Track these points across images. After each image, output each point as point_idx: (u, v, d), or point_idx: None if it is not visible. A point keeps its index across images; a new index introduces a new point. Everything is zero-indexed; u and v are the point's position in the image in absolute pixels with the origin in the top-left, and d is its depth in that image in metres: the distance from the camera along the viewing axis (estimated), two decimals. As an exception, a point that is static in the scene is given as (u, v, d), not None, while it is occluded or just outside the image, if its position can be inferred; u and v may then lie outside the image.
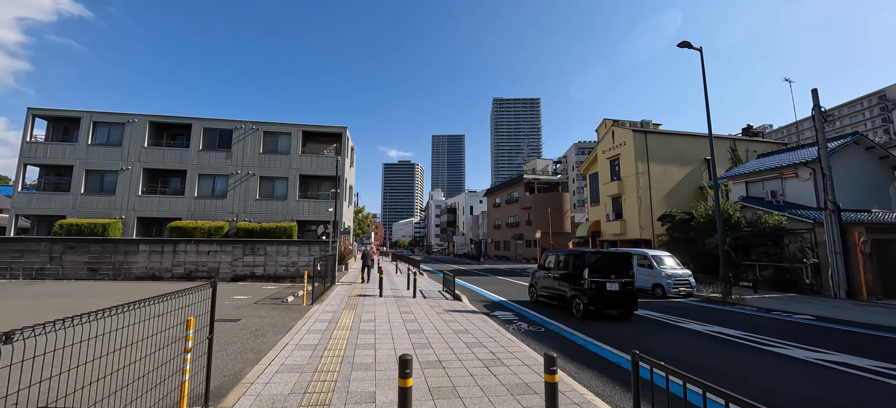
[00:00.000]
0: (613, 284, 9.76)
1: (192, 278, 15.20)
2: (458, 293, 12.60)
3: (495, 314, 10.14)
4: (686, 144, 28.75)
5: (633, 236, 27.25)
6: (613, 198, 29.66)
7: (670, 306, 12.45)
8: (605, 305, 9.67)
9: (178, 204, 22.98)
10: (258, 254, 15.42)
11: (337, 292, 13.11)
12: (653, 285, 15.14)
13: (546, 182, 45.84)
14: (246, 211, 23.43)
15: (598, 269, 9.89)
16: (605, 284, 9.73)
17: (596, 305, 9.61)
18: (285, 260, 15.49)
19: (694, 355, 6.80)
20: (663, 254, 16.08)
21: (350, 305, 10.45)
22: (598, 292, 9.64)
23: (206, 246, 15.11)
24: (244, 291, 12.45)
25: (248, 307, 9.43)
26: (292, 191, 24.10)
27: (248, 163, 23.91)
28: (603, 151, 31.19)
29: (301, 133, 24.83)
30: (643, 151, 27.55)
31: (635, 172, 27.27)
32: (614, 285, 9.76)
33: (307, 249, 15.73)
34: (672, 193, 27.49)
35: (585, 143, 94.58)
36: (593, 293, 9.63)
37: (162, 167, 23.34)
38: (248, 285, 13.88)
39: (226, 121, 24.22)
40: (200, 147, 23.79)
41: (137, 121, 23.36)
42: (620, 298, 9.76)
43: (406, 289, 14.51)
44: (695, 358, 6.56)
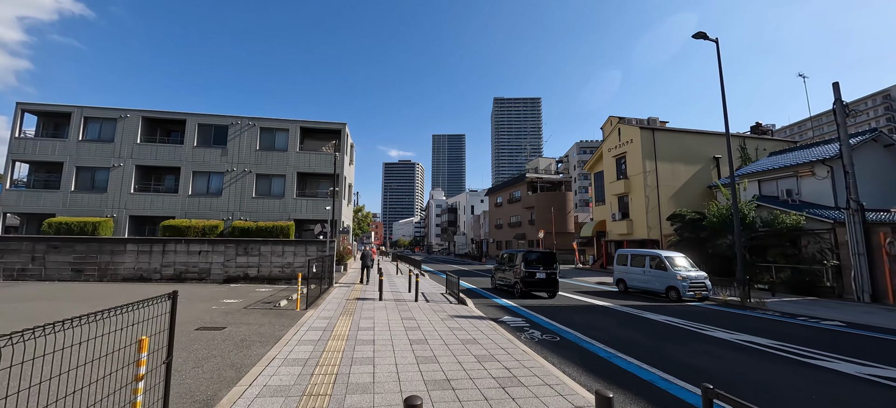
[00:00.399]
0: (541, 274, 13.44)
1: (181, 280, 14.48)
2: (463, 296, 11.88)
3: (504, 321, 9.42)
4: (694, 141, 28.02)
5: (640, 236, 26.52)
6: (619, 197, 28.92)
7: (687, 311, 11.72)
8: (535, 288, 13.37)
9: (172, 202, 22.26)
10: (252, 254, 14.68)
11: (334, 295, 12.39)
12: (666, 288, 14.41)
13: (549, 181, 45.06)
14: (242, 209, 22.72)
15: (530, 263, 13.54)
16: (535, 273, 13.41)
17: (528, 288, 13.33)
18: (280, 261, 14.76)
19: (731, 369, 6.07)
20: (676, 255, 15.34)
21: (347, 309, 9.72)
22: (529, 279, 13.26)
23: (196, 246, 14.36)
24: (235, 294, 11.73)
25: (236, 313, 8.71)
26: (290, 189, 23.39)
27: (244, 160, 23.19)
28: (608, 149, 30.45)
29: (299, 129, 24.11)
30: (651, 148, 26.81)
31: (643, 170, 26.53)
32: (542, 274, 13.44)
33: (304, 250, 15.00)
34: (680, 192, 26.76)
35: (587, 142, 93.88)
36: (527, 279, 13.26)
37: (155, 164, 22.62)
38: (240, 288, 13.15)
39: (221, 117, 23.50)
40: (195, 143, 23.07)
41: (130, 116, 22.64)
42: (546, 284, 13.41)
43: (407, 292, 13.79)
44: (733, 374, 5.84)
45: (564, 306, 12.29)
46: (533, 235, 42.77)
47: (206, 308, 9.22)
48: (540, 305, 12.31)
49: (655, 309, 11.93)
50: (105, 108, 22.63)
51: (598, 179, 33.06)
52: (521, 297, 13.19)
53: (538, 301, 13.07)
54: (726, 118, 15.17)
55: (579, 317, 10.27)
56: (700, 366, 6.16)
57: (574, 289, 17.23)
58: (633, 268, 16.13)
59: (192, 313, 8.56)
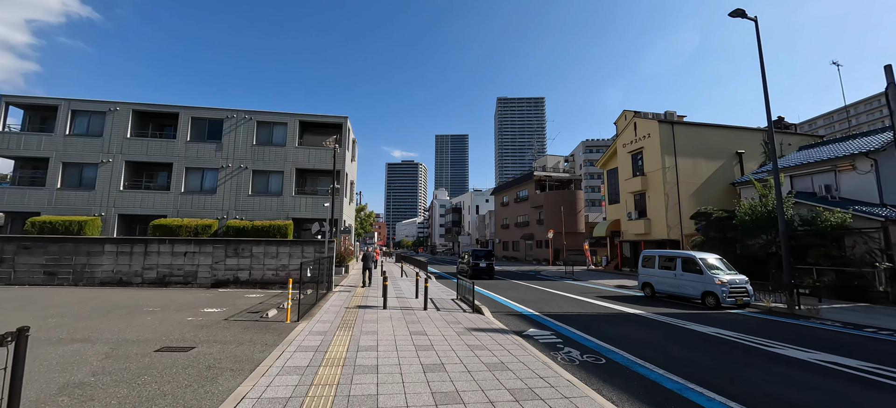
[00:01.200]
0: (483, 263, 21.09)
1: (165, 284, 13.16)
2: (478, 304, 10.48)
3: (530, 335, 8.01)
4: (716, 136, 26.48)
5: (659, 236, 25.00)
6: (636, 195, 27.40)
7: (734, 321, 10.26)
8: (479, 273, 20.27)
9: (163, 200, 21.02)
10: (243, 255, 13.35)
11: (333, 302, 11.03)
12: (702, 294, 12.93)
13: (558, 179, 43.52)
14: (237, 208, 21.44)
15: (477, 257, 21.43)
16: (479, 263, 21.00)
17: (475, 273, 20.01)
18: (274, 263, 13.41)
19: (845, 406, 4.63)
20: (710, 256, 13.85)
21: (347, 321, 8.34)
22: (476, 267, 20.60)
23: (182, 246, 13.02)
24: (220, 302, 10.37)
25: (213, 327, 7.35)
26: (288, 186, 22.09)
27: (239, 155, 21.92)
28: (623, 145, 28.94)
29: (298, 123, 22.81)
30: (670, 143, 25.29)
31: (661, 166, 25.01)
32: (483, 264, 21.01)
33: (300, 251, 13.65)
34: (701, 189, 25.23)
35: (594, 141, 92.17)
36: (475, 267, 20.60)
37: (146, 160, 21.38)
38: (228, 293, 11.81)
39: (216, 109, 22.24)
40: (188, 138, 21.82)
41: (120, 109, 21.43)
42: (486, 271, 20.72)
43: (414, 297, 12.41)
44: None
45: (593, 314, 10.86)
46: (542, 236, 41.28)
47: (181, 320, 7.88)
48: (565, 313, 10.90)
49: (696, 318, 10.47)
50: (93, 100, 21.43)
51: (612, 177, 31.54)
52: (471, 276, 19.11)
53: (562, 309, 11.66)
54: (768, 103, 13.68)
55: (615, 329, 8.85)
56: (805, 401, 4.73)
57: (595, 293, 15.78)
58: (662, 271, 14.66)
59: (161, 326, 7.24)
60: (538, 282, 20.55)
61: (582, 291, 16.71)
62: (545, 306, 12.07)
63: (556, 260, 37.65)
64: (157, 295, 11.07)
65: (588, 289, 17.48)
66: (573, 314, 10.72)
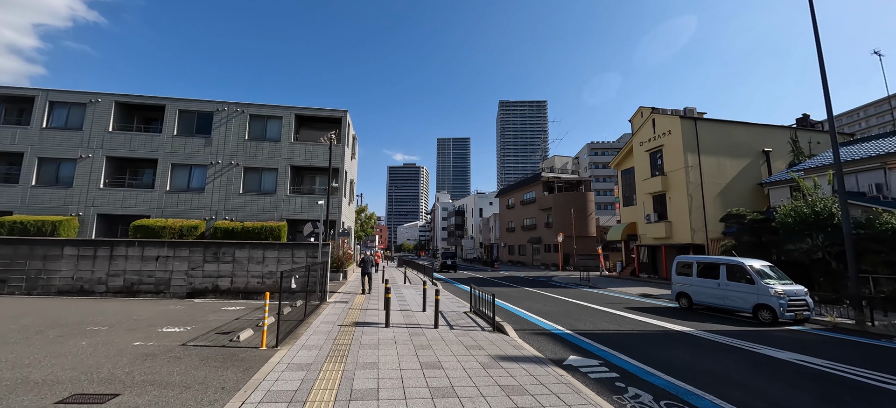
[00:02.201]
0: (449, 262, 33.14)
1: (133, 293, 11.41)
2: (500, 322, 8.74)
3: (574, 366, 6.27)
4: (741, 133, 24.75)
5: (681, 241, 23.21)
6: (655, 196, 25.64)
7: (805, 342, 8.50)
8: (448, 269, 32.55)
9: (147, 199, 19.39)
10: (224, 260, 11.60)
11: (325, 317, 9.31)
12: (755, 307, 11.17)
13: (567, 181, 41.76)
14: (227, 208, 19.78)
15: (445, 257, 33.99)
16: (446, 262, 32.96)
17: (443, 267, 32.35)
18: (260, 269, 11.66)
19: None
20: (759, 263, 12.09)
21: (339, 346, 6.63)
22: (444, 264, 32.57)
23: (153, 250, 11.25)
24: (188, 317, 8.53)
25: (161, 357, 5.55)
26: (283, 184, 20.43)
27: (230, 151, 20.28)
28: (640, 143, 27.21)
29: (294, 117, 21.18)
30: (693, 141, 23.56)
31: (684, 165, 23.27)
32: (449, 262, 33.10)
33: (290, 255, 11.91)
34: (726, 190, 23.49)
35: (599, 143, 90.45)
36: (443, 264, 32.57)
37: (129, 155, 19.76)
38: (202, 305, 10.06)
39: (205, 102, 20.64)
40: (175, 132, 20.20)
41: (101, 101, 19.85)
42: (452, 267, 32.98)
43: (421, 310, 10.69)
44: None
45: (635, 333, 9.11)
46: (550, 239, 39.48)
47: (124, 346, 6.14)
48: (601, 332, 9.15)
49: (760, 338, 8.72)
50: (73, 91, 19.86)
51: (627, 177, 29.79)
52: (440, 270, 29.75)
53: (596, 326, 9.92)
54: (825, 82, 11.94)
55: (674, 355, 7.10)
56: None
57: (622, 304, 14.00)
58: (702, 280, 12.90)
59: (92, 357, 5.50)
60: (553, 290, 18.79)
61: (605, 301, 14.95)
62: (575, 322, 10.31)
63: (566, 265, 35.84)
64: (117, 307, 9.37)
65: (611, 298, 15.72)
66: (612, 333, 8.97)
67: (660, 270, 25.39)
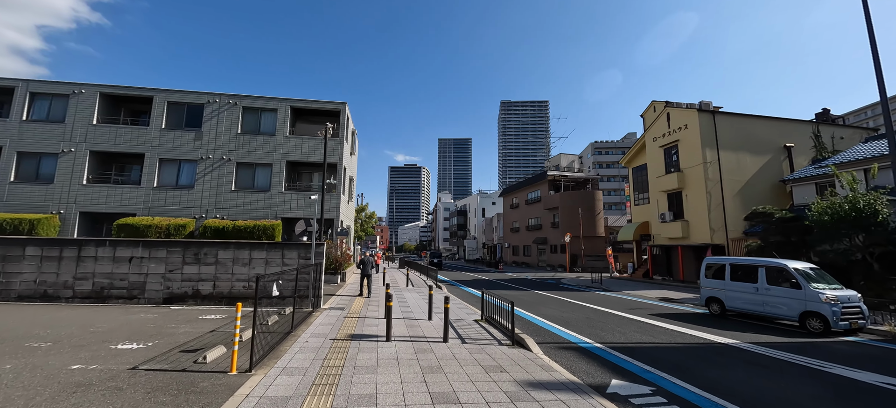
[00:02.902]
0: (436, 260, 38.02)
1: (103, 298, 10.16)
2: (521, 335, 7.51)
3: (619, 393, 5.06)
4: (761, 128, 23.50)
5: (699, 241, 21.94)
6: (670, 194, 24.38)
7: (871, 357, 7.28)
8: (435, 266, 26.98)
9: (133, 196, 18.23)
10: (206, 262, 10.37)
11: (317, 328, 8.10)
12: (802, 315, 9.92)
13: (574, 179, 40.48)
14: (218, 206, 18.61)
15: (433, 256, 42.68)
16: (434, 260, 37.82)
17: (431, 264, 30.30)
18: (246, 272, 10.44)
19: None
20: (803, 265, 10.84)
21: (329, 369, 5.41)
22: (431, 262, 34.78)
23: (126, 250, 10.00)
24: (152, 330, 7.15)
25: (97, 386, 4.26)
26: (277, 181, 19.25)
27: (222, 145, 19.12)
28: (653, 139, 25.95)
29: (289, 110, 20.00)
30: (711, 136, 22.31)
31: (702, 161, 22.01)
32: (436, 260, 37.67)
33: (280, 256, 10.68)
34: (746, 188, 22.22)
35: (603, 142, 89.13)
36: (431, 262, 35.00)
37: (114, 150, 18.61)
38: (177, 314, 8.76)
39: (195, 93, 19.48)
40: (163, 125, 19.05)
41: (86, 92, 18.70)
42: (438, 265, 35.05)
43: (427, 319, 9.46)
44: None
45: (674, 346, 7.87)
46: (556, 239, 38.22)
47: (60, 369, 4.88)
48: (635, 345, 7.93)
49: (819, 352, 7.49)
50: (55, 82, 18.72)
51: (639, 175, 28.52)
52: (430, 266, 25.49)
53: (627, 337, 8.69)
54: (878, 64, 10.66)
55: (736, 377, 5.88)
56: None
57: (645, 310, 12.74)
58: (737, 283, 11.65)
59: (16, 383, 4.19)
60: (565, 293, 17.55)
61: (625, 306, 13.71)
62: (602, 332, 9.08)
63: (574, 266, 34.57)
64: (77, 317, 8.13)
65: (631, 303, 14.47)
66: (649, 347, 7.74)
67: (675, 271, 24.13)
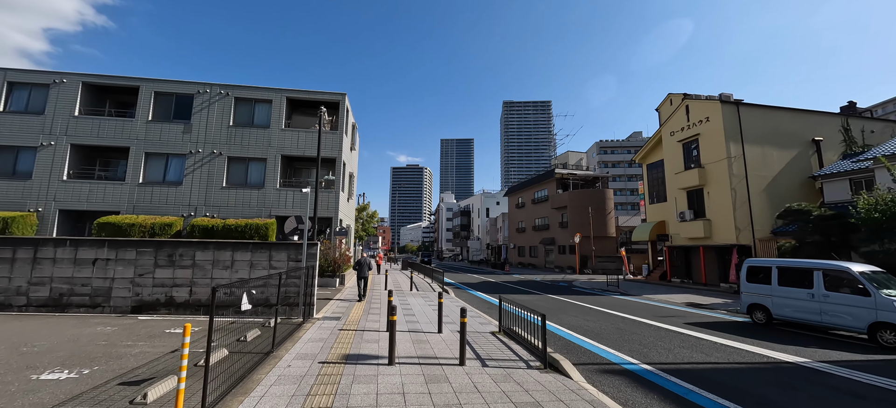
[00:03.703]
0: (426, 258, 52.07)
1: (63, 306, 8.85)
2: (555, 357, 6.15)
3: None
4: (787, 121, 22.04)
5: (723, 241, 20.48)
6: (690, 191, 22.93)
7: None
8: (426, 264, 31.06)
9: (117, 193, 16.99)
10: (181, 264, 9.05)
11: (304, 346, 6.77)
12: (871, 325, 8.52)
13: (582, 177, 39.02)
14: (208, 203, 17.34)
15: (424, 256, 59.31)
16: (425, 259, 47.54)
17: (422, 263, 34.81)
18: (227, 276, 9.10)
19: None
20: (871, 268, 9.41)
21: None
22: (423, 260, 43.07)
23: (89, 250, 8.68)
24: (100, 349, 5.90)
25: None
26: (272, 177, 17.96)
27: (213, 139, 17.85)
28: (671, 133, 24.51)
29: (285, 101, 18.71)
30: (735, 129, 20.87)
31: (726, 156, 20.56)
32: (426, 259, 49.20)
33: (268, 257, 9.32)
34: (773, 184, 20.77)
35: (608, 141, 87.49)
36: (422, 260, 42.89)
37: (97, 143, 17.37)
38: (143, 325, 7.41)
39: (184, 83, 18.22)
40: (150, 117, 17.80)
41: (68, 81, 17.48)
42: (428, 263, 38.16)
43: (436, 332, 8.10)
44: None
45: (733, 366, 6.49)
46: (565, 240, 36.78)
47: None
48: (689, 365, 6.56)
49: (852, 365, 6.07)
50: (34, 70, 17.51)
51: (655, 172, 27.08)
52: None
53: (674, 354, 7.31)
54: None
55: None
56: None
57: (674, 317, 11.32)
58: (787, 289, 10.24)
59: None
60: (582, 297, 16.16)
61: (653, 313, 12.31)
62: (640, 347, 7.70)
63: (584, 268, 33.13)
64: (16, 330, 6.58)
65: (658, 310, 13.06)
66: (705, 368, 6.36)
67: (695, 273, 22.68)
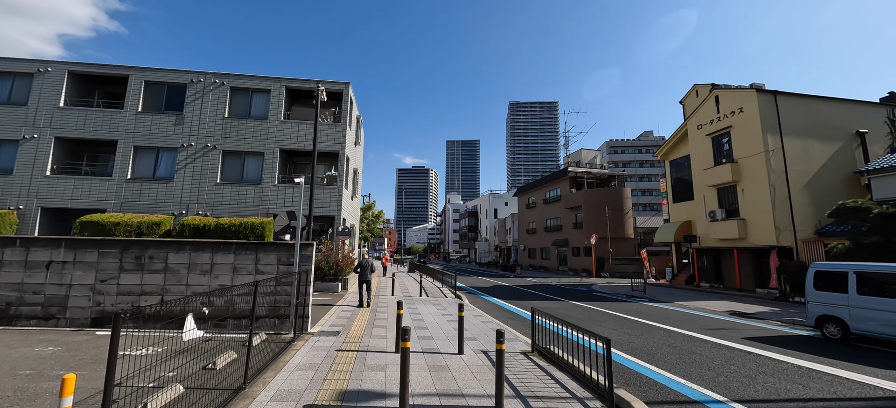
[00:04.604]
0: (423, 260, 61.69)
1: (10, 319, 7.47)
2: (621, 395, 4.62)
3: None
4: (828, 111, 20.24)
5: (761, 242, 18.71)
6: (721, 188, 21.18)
7: None
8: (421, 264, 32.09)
9: (104, 189, 15.77)
10: (151, 268, 7.58)
11: (288, 377, 5.34)
12: None
13: (597, 176, 37.32)
14: (201, 200, 16.05)
15: (419, 257, 70.51)
16: (421, 260, 55.37)
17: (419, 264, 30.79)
18: (206, 282, 7.67)
19: None
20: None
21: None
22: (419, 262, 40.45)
23: (43, 251, 7.28)
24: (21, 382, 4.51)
25: None
26: (270, 172, 16.65)
27: (206, 131, 16.58)
28: (698, 126, 22.78)
29: (284, 91, 17.39)
30: (773, 120, 19.13)
31: (763, 149, 18.82)
32: (423, 260, 61.01)
33: (254, 259, 7.84)
34: (815, 180, 18.99)
35: (619, 141, 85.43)
36: (419, 262, 37.38)
37: (83, 136, 16.18)
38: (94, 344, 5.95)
39: (177, 71, 16.99)
40: (139, 108, 16.58)
41: (52, 70, 16.33)
42: (423, 263, 41.08)
43: (457, 352, 6.60)
44: None
45: (847, 400, 4.88)
46: (579, 241, 35.08)
47: None
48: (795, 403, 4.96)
49: None
50: (17, 58, 16.38)
51: (679, 169, 25.34)
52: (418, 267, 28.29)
53: (766, 389, 5.73)
54: None
55: None
56: None
57: (725, 330, 9.69)
58: (872, 299, 8.57)
59: None
60: (607, 304, 14.54)
61: (697, 324, 10.68)
62: (711, 373, 6.13)
63: (601, 271, 31.40)
64: None
65: (700, 320, 11.42)
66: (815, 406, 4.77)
67: (727, 277, 20.92)
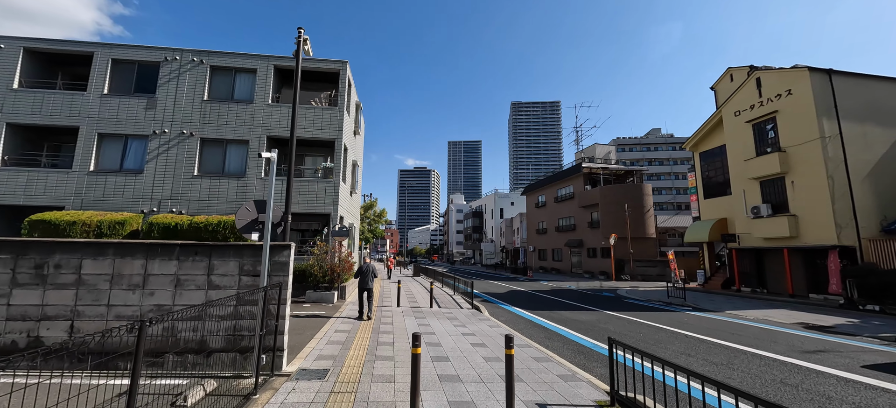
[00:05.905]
0: (420, 262, 49.81)
1: None
2: None
3: None
4: (887, 94, 17.95)
5: (816, 241, 16.39)
6: (765, 181, 18.86)
7: None
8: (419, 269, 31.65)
9: (63, 184, 13.62)
10: (57, 281, 5.34)
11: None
12: None
13: (615, 172, 35.04)
14: (175, 195, 13.87)
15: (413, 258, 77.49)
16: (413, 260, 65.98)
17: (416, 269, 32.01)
18: (137, 301, 5.42)
19: None
20: None
21: None
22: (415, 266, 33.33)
23: None
24: None
25: None
26: (255, 163, 14.47)
27: (183, 116, 14.42)
28: (736, 113, 20.48)
29: (273, 70, 15.23)
30: (829, 102, 16.85)
31: (819, 135, 16.53)
32: (415, 261, 60.26)
33: (206, 269, 5.58)
34: (877, 170, 16.71)
35: (627, 138, 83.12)
36: (415, 267, 32.98)
37: (39, 122, 14.04)
38: None
39: (149, 48, 14.85)
40: (105, 89, 14.44)
41: (6, 47, 14.20)
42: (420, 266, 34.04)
43: (492, 399, 4.33)
44: None
45: None
46: (594, 242, 32.76)
47: None
48: None
49: None
50: (-36, 33, 14.26)
51: (711, 161, 23.04)
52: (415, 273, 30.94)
53: None
54: None
55: None
56: None
57: (825, 354, 7.39)
58: None
59: None
60: (646, 314, 12.25)
61: (783, 344, 8.39)
62: None
63: (621, 273, 29.07)
64: None
65: (781, 337, 9.11)
66: None
67: (773, 281, 18.62)
